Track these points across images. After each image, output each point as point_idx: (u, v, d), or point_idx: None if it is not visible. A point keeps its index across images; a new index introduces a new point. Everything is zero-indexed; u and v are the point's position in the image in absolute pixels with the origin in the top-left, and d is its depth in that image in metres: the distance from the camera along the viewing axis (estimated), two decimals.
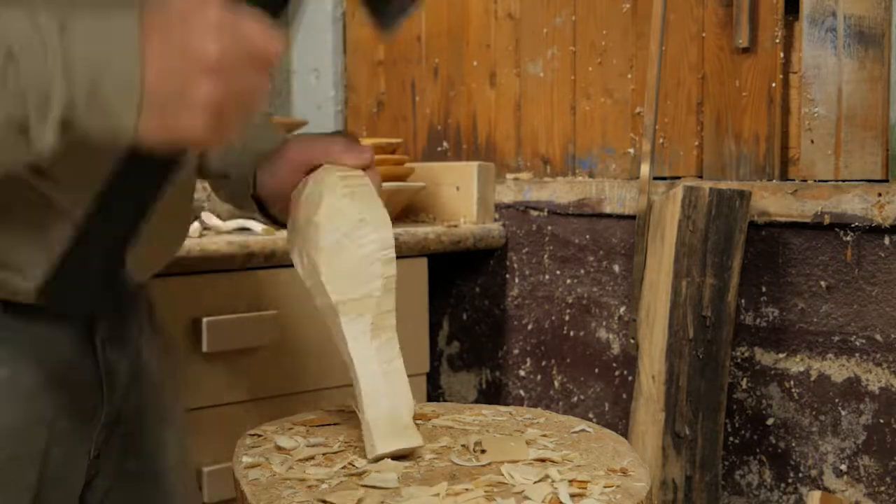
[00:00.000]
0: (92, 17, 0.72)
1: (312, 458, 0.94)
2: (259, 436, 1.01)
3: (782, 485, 1.52)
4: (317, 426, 1.05)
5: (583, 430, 1.02)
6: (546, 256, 1.86)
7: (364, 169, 1.02)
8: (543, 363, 1.87)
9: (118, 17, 0.72)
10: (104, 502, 1.01)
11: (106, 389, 0.97)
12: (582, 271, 1.79)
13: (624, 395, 1.73)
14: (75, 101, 0.70)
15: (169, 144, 0.73)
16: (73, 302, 0.78)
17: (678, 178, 1.65)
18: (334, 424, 1.05)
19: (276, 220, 1.10)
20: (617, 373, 1.75)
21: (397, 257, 1.65)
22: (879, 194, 1.36)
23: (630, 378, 1.71)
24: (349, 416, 1.06)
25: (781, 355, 1.52)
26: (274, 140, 1.08)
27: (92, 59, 0.70)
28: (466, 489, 0.83)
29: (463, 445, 0.96)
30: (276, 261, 1.54)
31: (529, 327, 1.90)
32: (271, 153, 1.05)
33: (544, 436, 1.00)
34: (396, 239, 1.70)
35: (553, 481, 0.85)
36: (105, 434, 0.98)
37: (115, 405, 0.98)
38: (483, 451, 0.93)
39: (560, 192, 1.81)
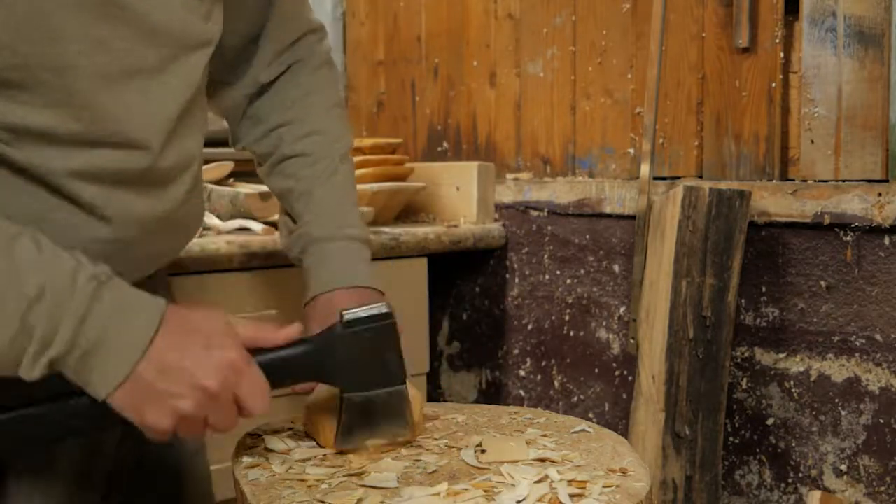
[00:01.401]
0: (127, 290, 0.80)
1: (312, 458, 0.94)
2: (259, 436, 1.01)
3: (782, 485, 1.52)
4: None
5: (583, 430, 1.02)
6: (546, 256, 1.86)
7: None
8: (543, 363, 1.87)
9: (146, 308, 0.80)
10: (120, 491, 1.03)
11: None
12: (582, 271, 1.79)
13: (624, 395, 1.73)
14: (68, 358, 0.77)
15: (129, 419, 0.80)
16: None
17: (678, 178, 1.65)
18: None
19: None
20: (617, 373, 1.75)
21: (397, 257, 1.66)
22: (879, 194, 1.36)
23: (630, 378, 1.71)
24: None
25: (781, 355, 1.52)
26: (344, 279, 1.08)
27: (102, 333, 0.77)
28: (466, 489, 0.83)
29: (466, 446, 0.96)
30: (276, 261, 1.54)
31: (529, 327, 1.90)
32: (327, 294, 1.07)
33: (544, 436, 1.00)
34: (396, 239, 1.71)
35: (553, 481, 0.85)
36: (125, 433, 1.01)
37: None
38: (483, 452, 0.93)
39: (560, 192, 1.81)
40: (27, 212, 0.83)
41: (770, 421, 1.53)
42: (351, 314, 0.91)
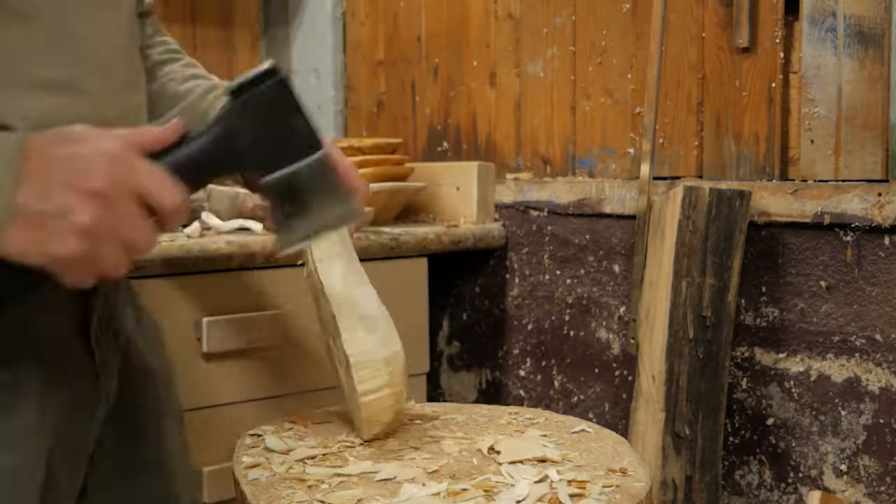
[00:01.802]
0: None
1: (312, 458, 0.94)
2: (259, 436, 1.01)
3: (782, 485, 1.52)
4: (316, 426, 1.05)
5: (583, 430, 1.02)
6: (546, 256, 1.86)
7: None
8: (543, 363, 1.87)
9: (2, 136, 0.73)
10: (108, 491, 1.01)
11: (103, 381, 0.97)
12: (582, 271, 1.79)
13: (624, 395, 1.73)
14: None
15: (35, 262, 0.73)
16: None
17: (678, 178, 1.65)
18: (333, 424, 1.05)
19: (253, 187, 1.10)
20: (617, 373, 1.75)
21: (397, 257, 1.67)
22: (879, 194, 1.36)
23: (630, 378, 1.71)
24: (348, 417, 1.06)
25: (781, 355, 1.52)
26: None
27: None
28: (466, 489, 0.83)
29: (476, 448, 0.96)
30: (276, 261, 1.54)
31: (529, 327, 1.90)
32: None
33: (544, 436, 1.00)
34: (396, 239, 1.71)
35: (552, 481, 0.85)
36: (103, 425, 0.99)
37: (112, 397, 0.99)
38: (498, 452, 0.93)
39: (560, 192, 1.81)
40: None
41: (770, 421, 1.53)
42: (236, 83, 0.81)
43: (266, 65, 0.82)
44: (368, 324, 0.96)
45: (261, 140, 0.81)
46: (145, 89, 1.01)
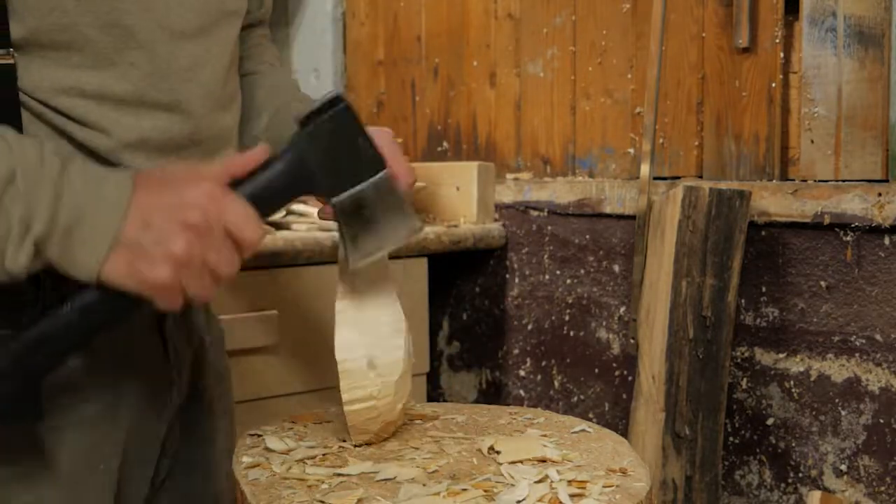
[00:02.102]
0: (93, 166, 0.81)
1: (312, 458, 0.94)
2: (259, 436, 1.01)
3: (782, 485, 1.52)
4: (316, 426, 1.05)
5: (583, 430, 1.02)
6: (546, 256, 1.86)
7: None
8: (543, 363, 1.87)
9: (114, 174, 0.80)
10: (163, 486, 1.04)
11: (175, 375, 1.01)
12: (582, 271, 1.79)
13: (624, 395, 1.73)
14: (52, 234, 0.77)
15: (131, 287, 0.80)
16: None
17: (678, 178, 1.65)
18: (333, 424, 1.05)
19: None
20: (617, 373, 1.75)
21: (397, 257, 1.66)
22: (879, 194, 1.36)
23: (630, 378, 1.71)
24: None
25: (781, 355, 1.52)
26: None
27: (79, 203, 0.77)
28: (466, 489, 0.83)
29: (476, 448, 0.96)
30: (276, 261, 1.54)
31: (529, 327, 1.90)
32: None
33: (544, 436, 1.00)
34: None
35: (553, 481, 0.85)
36: (173, 420, 1.03)
37: (183, 391, 1.03)
38: (498, 452, 0.93)
39: (560, 192, 1.81)
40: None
41: (770, 421, 1.53)
42: (304, 111, 0.87)
43: (332, 93, 0.88)
44: (367, 328, 0.96)
45: (328, 164, 0.87)
46: (240, 107, 1.06)
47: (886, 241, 1.38)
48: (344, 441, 0.99)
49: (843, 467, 1.44)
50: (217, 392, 1.11)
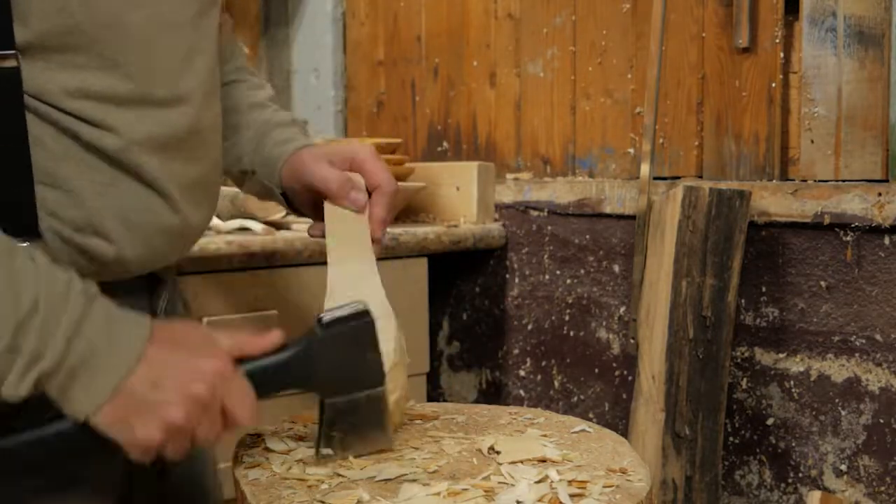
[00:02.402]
0: (114, 308, 0.80)
1: (311, 457, 0.94)
2: (259, 436, 1.01)
3: (782, 485, 1.52)
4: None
5: (583, 430, 1.02)
6: (546, 256, 1.86)
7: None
8: (543, 363, 1.87)
9: (133, 323, 0.80)
10: (148, 485, 1.03)
11: None
12: (582, 271, 1.79)
13: (624, 395, 1.73)
14: (57, 373, 0.76)
15: (114, 436, 0.79)
16: None
17: (678, 178, 1.65)
18: None
19: (300, 212, 1.15)
20: (617, 373, 1.75)
21: (397, 258, 1.66)
22: (879, 194, 1.36)
23: (630, 378, 1.71)
24: None
25: (781, 355, 1.52)
26: (298, 143, 1.12)
27: (92, 346, 0.76)
28: (466, 489, 0.83)
29: (476, 448, 0.96)
30: (276, 261, 1.54)
31: (529, 327, 1.90)
32: (294, 155, 1.10)
33: (544, 436, 1.00)
34: (396, 239, 1.71)
35: (553, 481, 0.85)
36: None
37: None
38: (498, 453, 0.93)
39: (560, 192, 1.81)
40: (89, 186, 0.87)
41: (770, 421, 1.53)
42: (329, 315, 0.89)
43: (360, 306, 0.90)
44: None
45: (333, 371, 0.90)
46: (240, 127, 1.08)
47: (886, 241, 1.38)
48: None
49: (843, 467, 1.44)
50: None
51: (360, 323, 0.89)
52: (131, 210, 0.90)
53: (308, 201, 1.09)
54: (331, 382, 0.90)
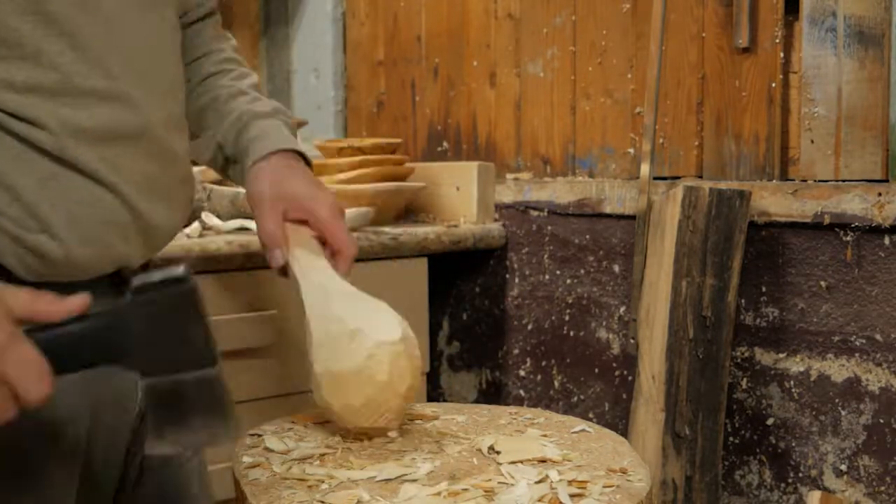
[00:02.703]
0: None
1: (311, 457, 0.94)
2: (259, 436, 1.01)
3: (782, 485, 1.52)
4: (316, 426, 1.05)
5: (583, 430, 1.02)
6: (546, 256, 1.86)
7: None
8: (543, 363, 1.87)
9: None
10: (138, 482, 1.03)
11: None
12: (582, 271, 1.79)
13: (624, 395, 1.73)
14: None
15: None
16: None
17: (678, 178, 1.65)
18: (333, 424, 1.05)
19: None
20: (617, 373, 1.75)
21: (397, 257, 1.66)
22: (879, 194, 1.36)
23: (630, 378, 1.71)
24: None
25: (781, 355, 1.52)
26: (268, 146, 1.10)
27: None
28: (466, 489, 0.83)
29: (476, 448, 0.96)
30: None
31: (529, 327, 1.90)
32: (262, 162, 1.09)
33: (544, 436, 1.00)
34: (396, 239, 1.71)
35: (553, 481, 0.85)
36: (139, 417, 1.01)
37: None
38: (498, 453, 0.93)
39: (560, 192, 1.81)
40: (29, 180, 0.85)
41: (770, 421, 1.53)
42: (140, 279, 0.77)
43: (178, 271, 0.77)
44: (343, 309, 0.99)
45: (151, 342, 0.77)
46: (184, 97, 1.04)
47: (886, 241, 1.38)
48: (348, 439, 0.99)
49: (843, 467, 1.44)
50: None
51: (179, 290, 0.76)
52: (75, 203, 0.87)
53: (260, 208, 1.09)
54: (147, 359, 0.76)
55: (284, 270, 1.10)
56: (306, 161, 1.13)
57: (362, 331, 0.95)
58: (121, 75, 0.90)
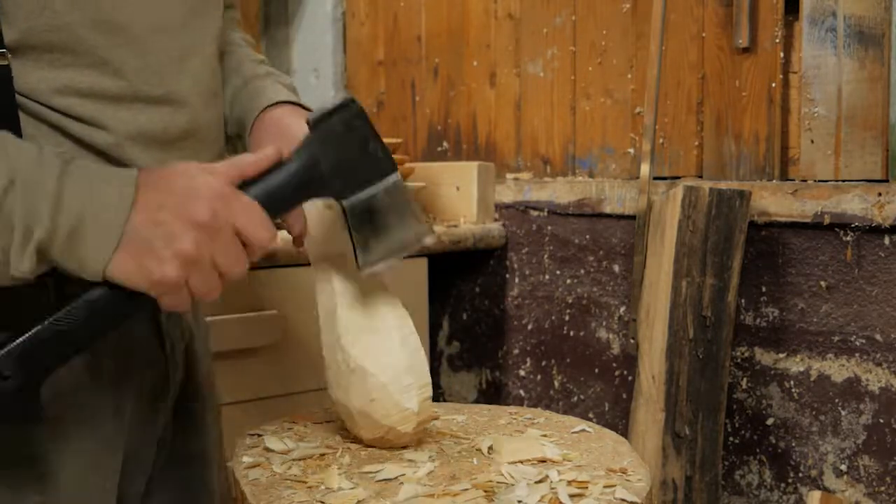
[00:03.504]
0: (95, 165, 0.80)
1: (311, 457, 0.94)
2: (259, 436, 1.01)
3: (782, 485, 1.52)
4: (316, 426, 1.05)
5: (583, 430, 1.02)
6: (546, 256, 1.86)
7: None
8: (543, 363, 1.87)
9: (118, 173, 0.79)
10: (159, 477, 1.04)
11: (171, 370, 1.01)
12: (582, 271, 1.79)
13: (624, 395, 1.73)
14: (54, 238, 0.76)
15: (139, 285, 0.79)
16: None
17: (678, 178, 1.65)
18: (333, 424, 1.05)
19: None
20: (617, 373, 1.75)
21: None
22: (879, 194, 1.36)
23: (630, 378, 1.71)
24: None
25: (781, 355, 1.52)
26: (266, 99, 1.08)
27: (81, 203, 0.76)
28: (466, 489, 0.83)
29: (476, 448, 0.96)
30: (276, 261, 1.54)
31: (529, 327, 1.90)
32: (266, 112, 1.07)
33: (544, 436, 1.00)
34: None
35: (553, 482, 0.85)
36: (168, 414, 1.02)
37: (177, 386, 1.03)
38: (498, 452, 0.93)
39: (560, 192, 1.81)
40: None
41: (770, 421, 1.53)
42: (316, 114, 0.87)
43: (344, 96, 0.88)
44: (381, 332, 0.95)
45: (340, 167, 0.87)
46: (223, 95, 1.06)
47: (886, 241, 1.38)
48: (348, 439, 0.99)
49: (843, 467, 1.44)
50: (206, 384, 1.11)
51: (349, 114, 0.88)
52: None
53: None
54: (342, 181, 0.87)
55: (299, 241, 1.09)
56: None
57: (364, 370, 0.93)
58: (178, 80, 0.92)
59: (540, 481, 0.85)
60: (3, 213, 0.74)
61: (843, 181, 1.43)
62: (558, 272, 1.83)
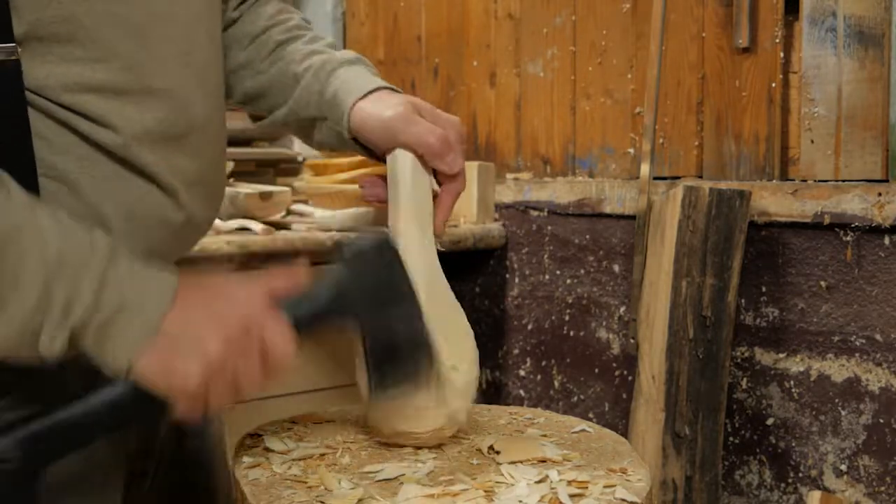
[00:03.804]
0: (138, 260, 0.80)
1: (311, 457, 0.94)
2: (259, 436, 1.01)
3: (782, 485, 1.52)
4: (316, 426, 1.05)
5: (583, 430, 1.02)
6: (546, 256, 1.86)
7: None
8: (543, 363, 1.87)
9: (161, 272, 0.80)
10: (157, 481, 1.03)
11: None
12: (582, 271, 1.79)
13: (624, 395, 1.73)
14: (90, 324, 0.75)
15: (160, 385, 0.77)
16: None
17: (678, 178, 1.65)
18: (333, 424, 1.05)
19: (375, 156, 1.10)
20: (617, 373, 1.75)
21: None
22: (879, 194, 1.36)
23: (630, 378, 1.71)
24: (348, 416, 1.06)
25: (781, 355, 1.52)
26: (368, 86, 1.06)
27: (122, 293, 0.76)
28: (466, 489, 0.83)
29: (476, 448, 0.96)
30: (276, 261, 1.54)
31: (529, 327, 1.90)
32: (366, 97, 1.05)
33: (544, 436, 1.00)
34: None
35: (553, 482, 0.85)
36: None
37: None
38: (498, 453, 0.93)
39: (560, 192, 1.81)
40: (93, 180, 0.86)
41: (770, 421, 1.53)
42: (351, 248, 0.88)
43: (382, 235, 0.89)
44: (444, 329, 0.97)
45: (367, 304, 0.87)
46: (223, 92, 1.05)
47: (886, 241, 1.38)
48: (348, 439, 0.99)
49: (843, 467, 1.44)
50: None
51: (385, 255, 0.88)
52: (135, 204, 0.89)
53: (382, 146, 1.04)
54: (364, 316, 0.87)
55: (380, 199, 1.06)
56: None
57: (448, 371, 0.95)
58: (184, 73, 0.92)
59: (540, 481, 0.85)
60: (49, 288, 0.74)
61: (843, 181, 1.43)
62: (558, 272, 1.83)
